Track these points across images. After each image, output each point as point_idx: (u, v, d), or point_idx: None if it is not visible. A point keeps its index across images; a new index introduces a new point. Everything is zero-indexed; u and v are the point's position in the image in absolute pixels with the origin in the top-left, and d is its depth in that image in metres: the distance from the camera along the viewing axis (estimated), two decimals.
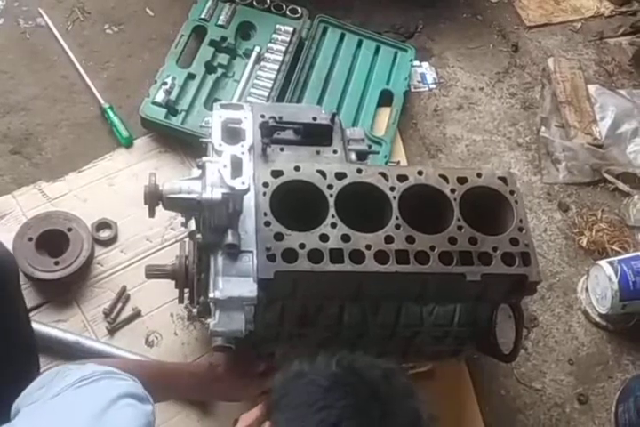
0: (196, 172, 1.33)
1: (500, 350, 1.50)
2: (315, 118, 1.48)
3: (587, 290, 1.89)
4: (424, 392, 0.89)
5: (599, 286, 1.83)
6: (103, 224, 1.72)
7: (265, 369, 1.38)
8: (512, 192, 1.44)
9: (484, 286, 1.36)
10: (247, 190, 1.16)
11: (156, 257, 1.71)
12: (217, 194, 1.16)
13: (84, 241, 1.65)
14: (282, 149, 1.43)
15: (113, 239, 1.72)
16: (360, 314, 1.37)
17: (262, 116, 1.45)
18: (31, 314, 1.58)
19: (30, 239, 1.63)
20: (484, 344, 1.53)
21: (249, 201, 1.27)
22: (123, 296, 1.65)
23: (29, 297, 1.61)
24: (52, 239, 1.65)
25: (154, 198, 1.26)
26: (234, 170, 1.15)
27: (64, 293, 1.64)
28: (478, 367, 1.71)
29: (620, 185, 2.07)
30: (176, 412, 1.54)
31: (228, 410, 1.51)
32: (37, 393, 0.97)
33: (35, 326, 1.55)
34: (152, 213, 1.30)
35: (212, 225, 1.22)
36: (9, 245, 1.60)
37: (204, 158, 1.23)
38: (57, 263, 1.62)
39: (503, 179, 1.45)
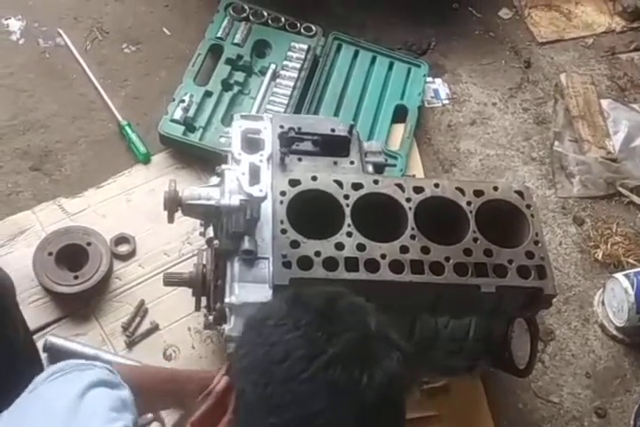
0: (215, 179, 1.35)
1: (514, 365, 1.50)
2: (333, 130, 1.50)
3: (603, 303, 1.88)
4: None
5: (615, 299, 1.83)
6: (121, 239, 1.74)
7: None
8: (528, 206, 1.45)
9: (499, 298, 1.37)
10: (264, 198, 1.18)
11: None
12: (235, 200, 1.18)
13: (102, 255, 1.67)
14: (300, 159, 1.45)
15: (131, 254, 1.74)
16: None
17: (281, 127, 1.47)
18: (50, 328, 1.61)
19: (50, 254, 1.65)
20: (499, 359, 1.53)
21: (266, 209, 1.29)
22: (141, 310, 1.66)
23: (49, 311, 1.63)
24: (71, 254, 1.67)
25: (173, 204, 1.28)
26: (252, 177, 1.17)
27: (83, 306, 1.65)
28: (495, 381, 1.71)
29: (635, 198, 2.08)
30: None
31: None
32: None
33: (54, 339, 1.57)
34: (171, 219, 1.32)
35: (230, 232, 1.23)
36: (29, 260, 1.63)
37: (224, 166, 1.25)
38: (76, 277, 1.64)
39: (520, 192, 1.46)
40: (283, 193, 1.33)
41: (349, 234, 1.30)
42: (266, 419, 0.79)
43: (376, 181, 1.39)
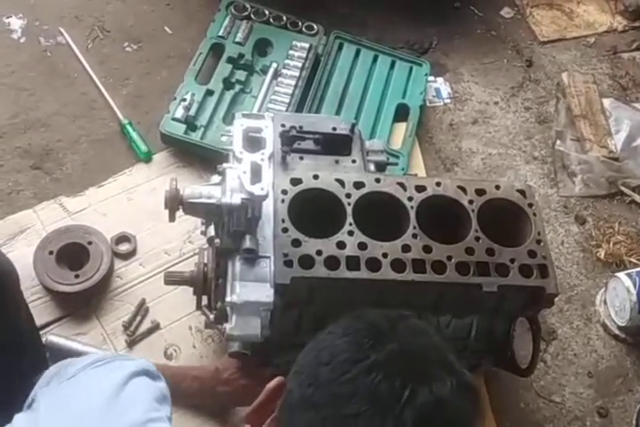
0: (216, 178, 1.35)
1: (517, 364, 1.50)
2: (334, 128, 1.50)
3: (605, 302, 1.88)
4: None
5: (618, 299, 1.83)
6: (122, 238, 1.74)
7: (273, 375, 1.39)
8: (530, 205, 1.44)
9: (501, 297, 1.37)
10: (266, 196, 1.18)
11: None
12: (236, 199, 1.18)
13: (103, 254, 1.67)
14: (301, 158, 1.44)
15: (132, 253, 1.73)
16: None
17: (283, 126, 1.47)
18: (51, 327, 1.61)
19: (51, 253, 1.64)
20: (501, 359, 1.53)
21: (267, 208, 1.29)
22: (142, 309, 1.66)
23: (50, 310, 1.63)
24: (72, 253, 1.67)
25: (174, 203, 1.28)
26: (253, 176, 1.17)
27: (84, 306, 1.65)
28: (497, 380, 1.70)
29: (637, 197, 2.07)
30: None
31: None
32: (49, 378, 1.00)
33: (54, 338, 1.57)
34: (172, 218, 1.32)
35: (231, 230, 1.23)
36: (29, 259, 1.63)
37: (225, 165, 1.25)
38: (77, 276, 1.63)
39: (522, 191, 1.46)
40: (284, 192, 1.32)
41: (351, 233, 1.30)
42: (304, 415, 0.80)
43: (378, 180, 1.38)
